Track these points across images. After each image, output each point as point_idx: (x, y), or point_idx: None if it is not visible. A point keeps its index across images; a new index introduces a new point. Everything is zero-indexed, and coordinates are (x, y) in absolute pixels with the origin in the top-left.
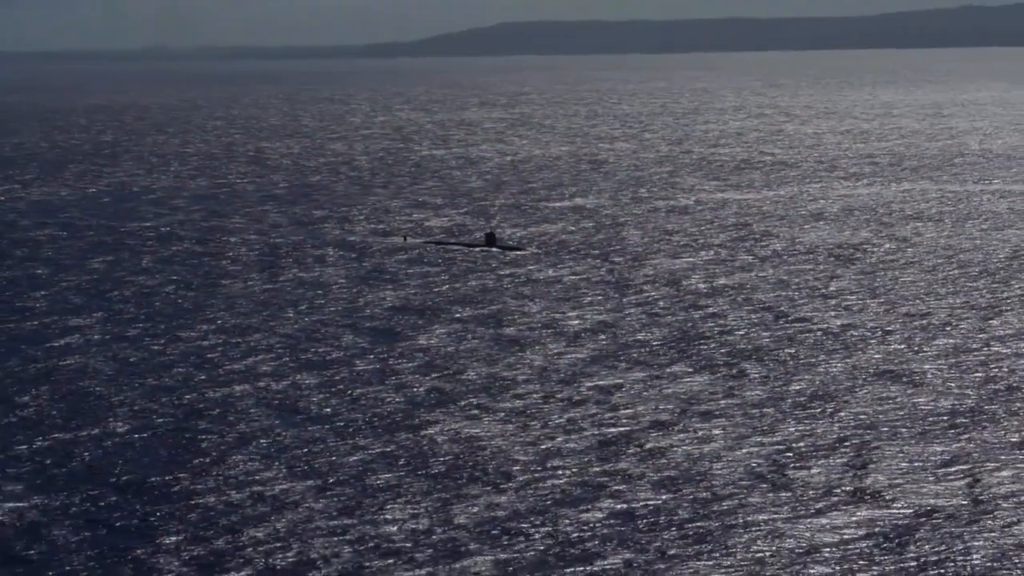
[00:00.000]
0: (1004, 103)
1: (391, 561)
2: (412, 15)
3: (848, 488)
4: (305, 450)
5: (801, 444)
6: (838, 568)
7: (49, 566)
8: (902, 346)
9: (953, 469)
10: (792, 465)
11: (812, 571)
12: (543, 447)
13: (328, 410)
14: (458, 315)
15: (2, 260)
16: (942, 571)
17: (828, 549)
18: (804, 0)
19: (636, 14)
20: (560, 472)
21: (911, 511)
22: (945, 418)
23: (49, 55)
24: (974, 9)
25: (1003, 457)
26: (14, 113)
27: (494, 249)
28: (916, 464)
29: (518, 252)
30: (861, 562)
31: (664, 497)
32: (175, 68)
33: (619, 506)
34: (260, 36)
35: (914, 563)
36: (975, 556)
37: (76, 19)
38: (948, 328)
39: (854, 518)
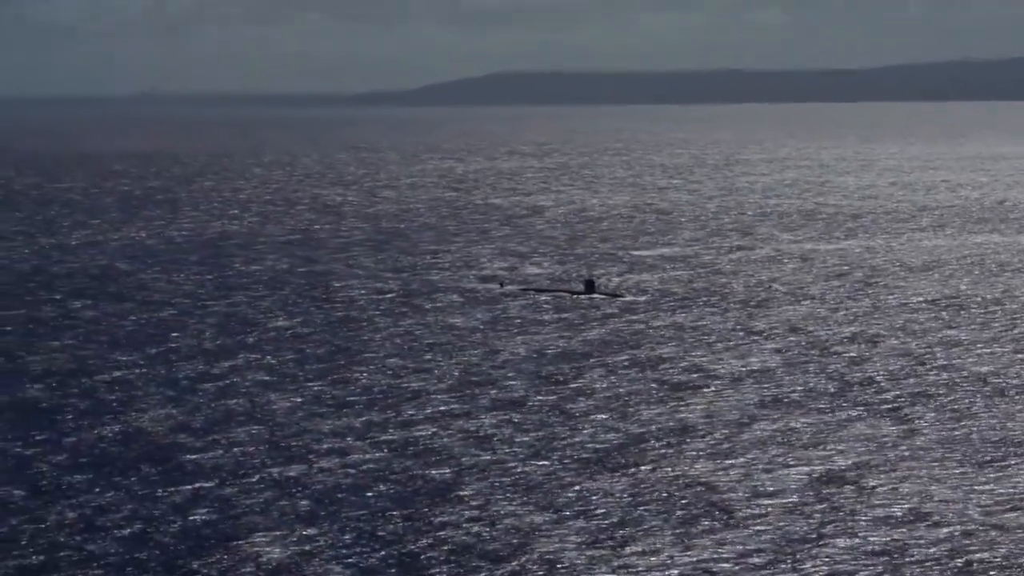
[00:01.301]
0: None
1: None
2: (401, 64)
3: None
4: (533, 484)
5: (1007, 486)
6: None
7: None
8: None
9: None
10: (1011, 506)
11: None
12: (751, 485)
13: (529, 449)
14: (604, 360)
15: (122, 302)
16: None
17: None
18: (795, 53)
19: (629, 66)
20: (778, 509)
21: None
22: None
23: (36, 100)
24: (968, 64)
25: None
26: (41, 159)
27: (596, 296)
28: None
29: (620, 299)
30: None
31: (896, 535)
32: (173, 114)
33: (850, 543)
34: (250, 83)
35: None
36: None
37: (62, 64)
38: None
39: None
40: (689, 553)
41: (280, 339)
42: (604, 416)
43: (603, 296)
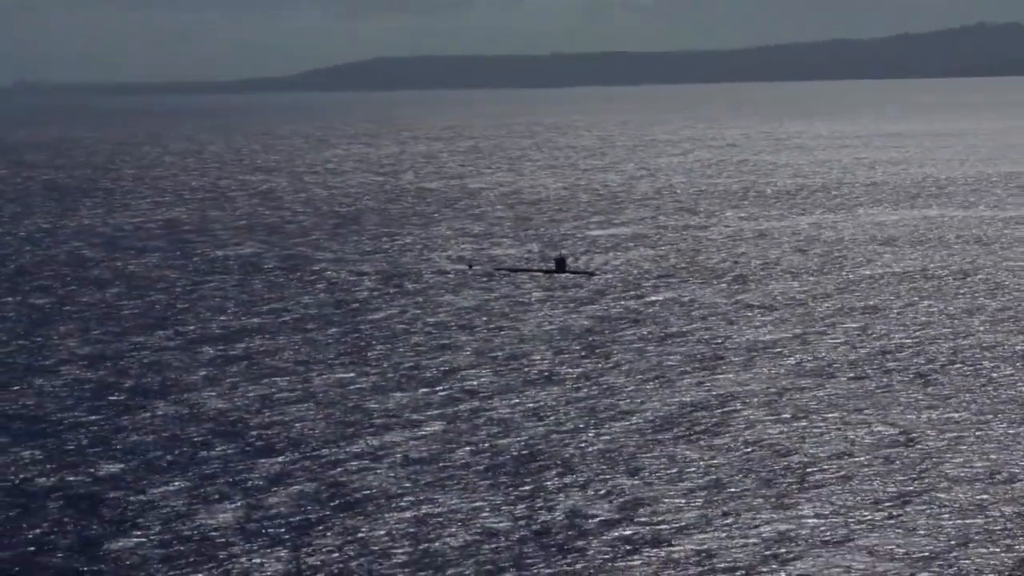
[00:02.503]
0: (938, 135)
1: (768, 554)
2: (282, 50)
3: None
4: (602, 452)
5: None
6: None
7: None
8: None
9: None
10: None
11: None
12: (813, 449)
13: (584, 421)
14: (615, 336)
15: (104, 288)
16: None
17: None
18: (675, 34)
19: (507, 49)
20: (848, 471)
21: None
22: None
23: None
24: (846, 43)
25: None
26: None
27: (568, 274)
28: None
29: (593, 276)
30: None
31: (970, 493)
32: (59, 103)
33: (929, 499)
34: (124, 71)
35: None
36: None
37: None
38: None
39: None
40: (782, 513)
41: (283, 321)
42: (642, 388)
43: (575, 274)
